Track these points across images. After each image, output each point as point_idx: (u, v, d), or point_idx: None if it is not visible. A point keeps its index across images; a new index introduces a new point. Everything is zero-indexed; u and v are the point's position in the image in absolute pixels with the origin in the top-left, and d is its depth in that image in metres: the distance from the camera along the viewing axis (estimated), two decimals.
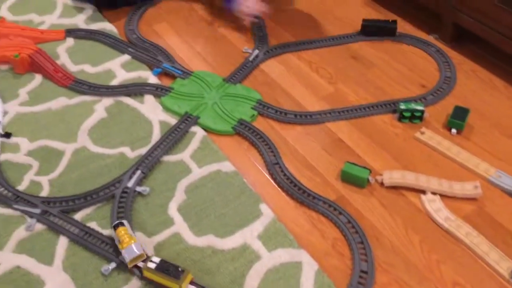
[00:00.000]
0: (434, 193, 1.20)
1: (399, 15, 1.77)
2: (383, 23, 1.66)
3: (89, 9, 1.82)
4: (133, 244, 1.07)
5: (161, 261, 1.04)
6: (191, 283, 1.04)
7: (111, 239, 1.13)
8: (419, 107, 1.37)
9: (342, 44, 1.67)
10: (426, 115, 1.38)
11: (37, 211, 1.19)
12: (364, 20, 1.65)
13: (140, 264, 1.06)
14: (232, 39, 1.71)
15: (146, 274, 1.04)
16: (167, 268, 1.02)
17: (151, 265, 1.03)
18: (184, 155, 1.33)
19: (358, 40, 1.67)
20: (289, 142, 1.37)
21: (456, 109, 1.37)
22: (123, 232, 1.09)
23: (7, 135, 1.38)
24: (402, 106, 1.37)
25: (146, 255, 1.08)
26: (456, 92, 1.48)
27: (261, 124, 1.42)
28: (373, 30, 1.65)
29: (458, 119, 1.35)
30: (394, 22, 1.66)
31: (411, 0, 1.71)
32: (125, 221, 1.12)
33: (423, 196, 1.20)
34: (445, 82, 1.51)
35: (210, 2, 1.85)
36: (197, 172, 1.29)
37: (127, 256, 1.06)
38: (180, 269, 1.02)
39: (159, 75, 1.57)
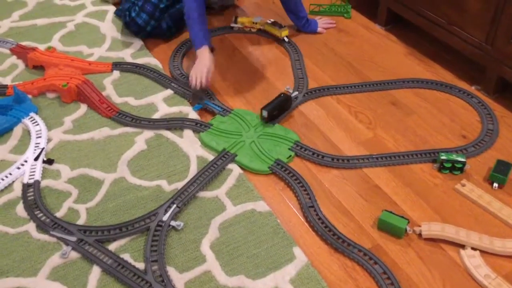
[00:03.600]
0: (474, 249, 1.16)
1: (441, 64, 1.76)
2: (278, 101, 1.55)
3: (137, 44, 1.89)
4: None
5: None
6: None
7: (143, 272, 1.13)
8: (461, 159, 1.34)
9: (382, 90, 1.67)
10: (467, 167, 1.36)
11: (73, 239, 1.20)
12: (263, 109, 1.53)
13: None
14: (273, 79, 1.74)
15: None
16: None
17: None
18: (220, 191, 1.34)
19: (399, 87, 1.67)
20: (325, 185, 1.36)
21: (498, 163, 1.34)
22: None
23: (50, 161, 1.42)
24: (443, 157, 1.35)
25: None
26: (498, 145, 1.45)
27: (298, 165, 1.42)
28: (276, 114, 1.55)
29: (500, 173, 1.32)
30: (285, 94, 1.58)
31: (453, 50, 1.70)
32: None
33: (462, 251, 1.16)
34: (487, 134, 1.48)
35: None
36: (231, 210, 1.29)
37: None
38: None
39: (199, 111, 1.60)
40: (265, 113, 1.52)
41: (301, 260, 1.16)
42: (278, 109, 1.55)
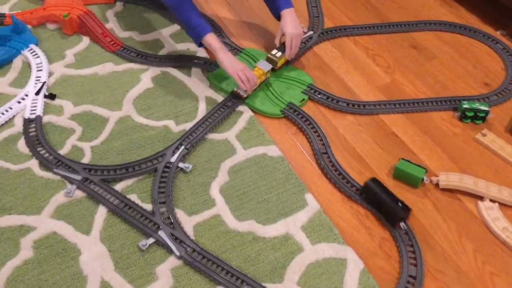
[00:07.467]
0: (492, 201, 1.13)
1: (466, 7, 1.66)
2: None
3: None
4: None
5: None
6: None
7: (151, 213, 1.10)
8: (484, 107, 1.28)
9: (402, 32, 1.57)
10: (490, 116, 1.30)
11: (78, 177, 1.16)
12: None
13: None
14: None
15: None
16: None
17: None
18: (229, 134, 1.28)
19: (420, 30, 1.58)
20: (339, 131, 1.30)
21: None
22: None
23: (52, 96, 1.35)
24: (465, 105, 1.29)
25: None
26: None
27: (311, 109, 1.35)
28: None
29: None
30: None
31: None
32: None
33: (480, 203, 1.13)
34: (511, 82, 1.41)
35: None
36: (241, 154, 1.24)
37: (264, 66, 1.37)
38: None
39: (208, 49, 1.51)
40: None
41: (313, 207, 1.13)
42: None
